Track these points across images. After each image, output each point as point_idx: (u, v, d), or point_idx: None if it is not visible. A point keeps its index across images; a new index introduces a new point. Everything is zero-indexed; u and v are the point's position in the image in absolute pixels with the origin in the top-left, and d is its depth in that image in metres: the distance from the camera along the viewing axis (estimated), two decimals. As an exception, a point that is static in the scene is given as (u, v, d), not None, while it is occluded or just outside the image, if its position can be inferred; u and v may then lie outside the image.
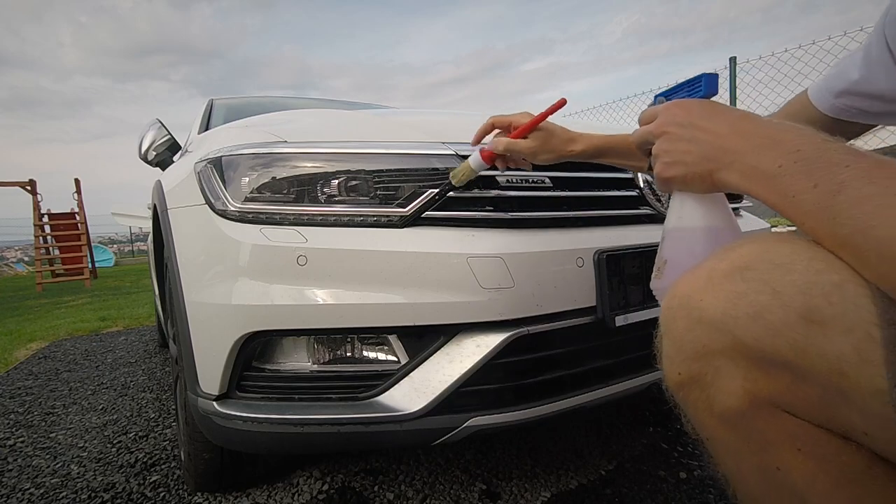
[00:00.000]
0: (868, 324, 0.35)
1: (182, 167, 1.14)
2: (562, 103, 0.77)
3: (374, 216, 0.83)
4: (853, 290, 0.36)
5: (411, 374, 0.81)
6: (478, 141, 0.83)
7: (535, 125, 0.77)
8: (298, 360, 0.85)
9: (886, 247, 0.34)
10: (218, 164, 0.91)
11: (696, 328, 0.42)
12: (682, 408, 0.48)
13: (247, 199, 0.87)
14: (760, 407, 0.41)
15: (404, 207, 0.84)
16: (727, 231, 0.53)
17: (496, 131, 0.82)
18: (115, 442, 1.51)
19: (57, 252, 9.55)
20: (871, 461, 0.39)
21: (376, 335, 0.83)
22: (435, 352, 0.81)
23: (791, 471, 0.41)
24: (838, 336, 0.36)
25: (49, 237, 9.24)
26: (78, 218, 9.26)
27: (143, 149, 1.57)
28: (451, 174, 0.82)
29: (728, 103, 4.30)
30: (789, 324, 0.37)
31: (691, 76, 0.60)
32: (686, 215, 0.53)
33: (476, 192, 0.86)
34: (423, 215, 0.84)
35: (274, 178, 0.87)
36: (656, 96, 0.64)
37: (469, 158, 0.81)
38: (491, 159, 0.79)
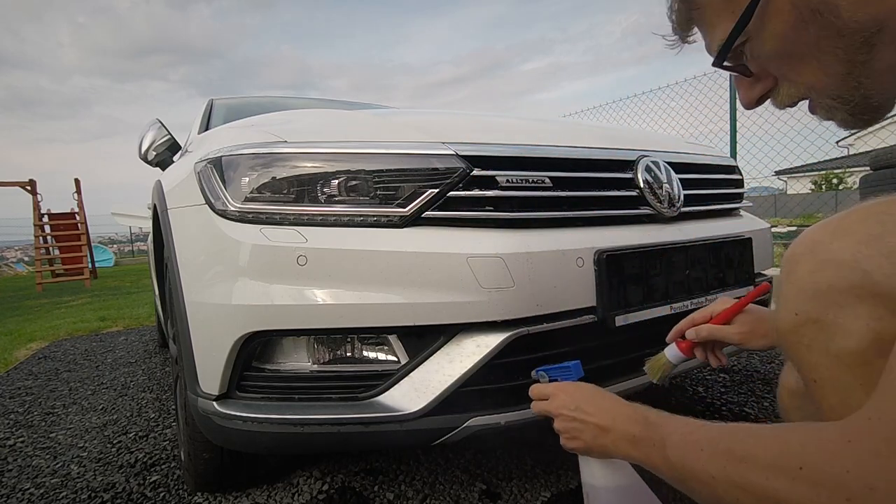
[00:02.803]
0: None
1: (182, 167, 1.14)
2: (765, 288, 0.78)
3: (374, 216, 0.83)
4: None
5: (411, 374, 0.81)
6: (675, 336, 0.78)
7: (738, 310, 0.73)
8: (298, 360, 0.85)
9: (700, 483, 0.46)
10: (218, 164, 0.91)
11: (822, 268, 0.42)
12: (791, 352, 0.47)
13: (247, 199, 0.87)
14: (883, 347, 0.39)
15: (404, 207, 0.84)
16: (635, 487, 0.67)
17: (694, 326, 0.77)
18: (115, 442, 1.51)
19: (57, 252, 9.55)
20: None
21: (376, 335, 0.83)
22: (435, 352, 0.81)
23: None
24: None
25: (49, 237, 9.24)
26: (78, 218, 9.26)
27: (143, 149, 1.57)
28: (646, 367, 0.81)
29: (728, 103, 4.31)
30: None
31: (564, 363, 0.78)
32: (596, 477, 0.68)
33: (476, 192, 0.86)
34: (423, 215, 0.84)
35: (274, 178, 0.87)
36: (537, 370, 0.79)
37: (665, 350, 0.78)
38: (690, 350, 0.76)
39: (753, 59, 0.48)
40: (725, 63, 0.49)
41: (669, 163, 1.08)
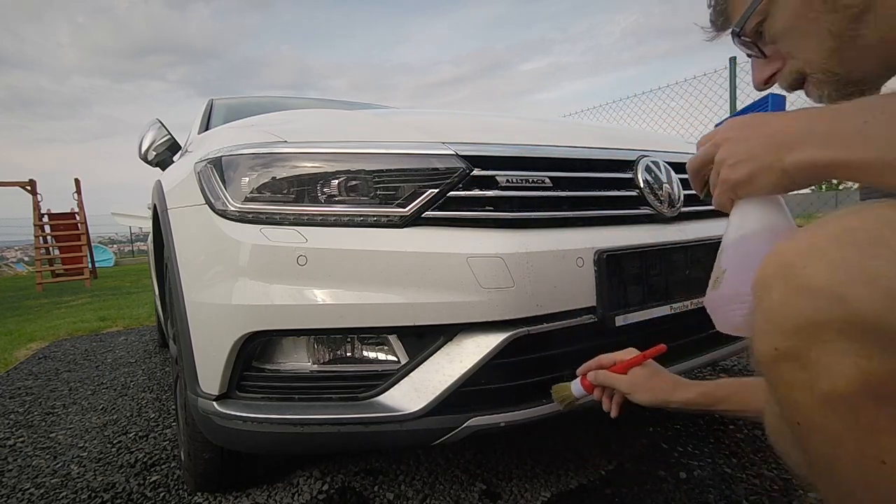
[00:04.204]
0: None
1: (182, 167, 1.14)
2: (661, 349, 0.78)
3: (374, 216, 0.83)
4: None
5: (411, 375, 0.81)
6: (583, 372, 0.83)
7: (635, 363, 0.78)
8: (298, 360, 0.85)
9: None
10: (218, 164, 0.91)
11: (797, 298, 0.38)
12: (772, 388, 0.44)
13: (247, 199, 0.87)
14: (873, 389, 0.36)
15: (404, 207, 0.84)
16: (790, 232, 0.50)
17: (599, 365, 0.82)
18: (115, 442, 1.51)
19: (57, 252, 9.55)
20: None
21: (376, 335, 0.83)
22: (435, 352, 0.81)
23: None
24: None
25: (49, 237, 9.24)
26: (78, 218, 9.26)
27: (143, 149, 1.57)
28: (553, 390, 0.83)
29: (728, 103, 4.29)
30: None
31: (758, 98, 0.60)
32: (747, 223, 0.52)
33: (476, 192, 0.86)
34: (423, 215, 0.83)
35: (274, 178, 0.87)
36: (718, 124, 0.62)
37: (572, 384, 0.83)
38: (590, 389, 0.81)
39: (768, 40, 0.55)
40: (745, 38, 0.56)
41: (670, 163, 1.08)
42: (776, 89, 0.58)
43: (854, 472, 0.39)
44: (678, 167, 1.10)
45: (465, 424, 0.80)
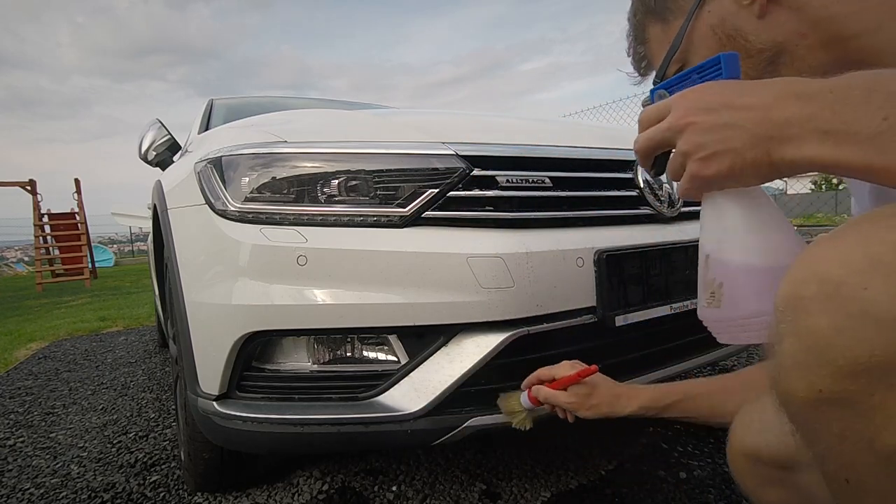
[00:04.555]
0: None
1: (182, 167, 1.14)
2: (593, 370, 0.76)
3: (374, 216, 0.83)
4: None
5: (411, 375, 0.81)
6: (527, 386, 0.82)
7: (571, 381, 0.76)
8: (298, 360, 0.85)
9: None
10: (218, 164, 0.91)
11: (856, 328, 0.30)
12: (809, 435, 0.36)
13: (247, 199, 0.87)
14: None
15: (404, 207, 0.84)
16: (786, 234, 0.44)
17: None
18: (115, 442, 1.51)
19: (57, 252, 9.55)
20: None
21: (376, 335, 0.83)
22: (435, 352, 0.81)
23: None
24: None
25: (49, 237, 9.24)
26: (78, 218, 9.26)
27: (143, 149, 1.57)
28: (500, 403, 0.82)
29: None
30: None
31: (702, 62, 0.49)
32: (733, 222, 0.44)
33: (476, 192, 0.86)
34: (423, 215, 0.83)
35: (274, 178, 0.87)
36: (653, 90, 0.53)
37: (520, 396, 0.82)
38: (536, 402, 0.79)
39: None
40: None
41: (669, 163, 1.08)
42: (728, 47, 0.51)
43: None
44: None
45: (465, 424, 0.80)
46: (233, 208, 0.87)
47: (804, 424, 0.35)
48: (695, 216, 1.12)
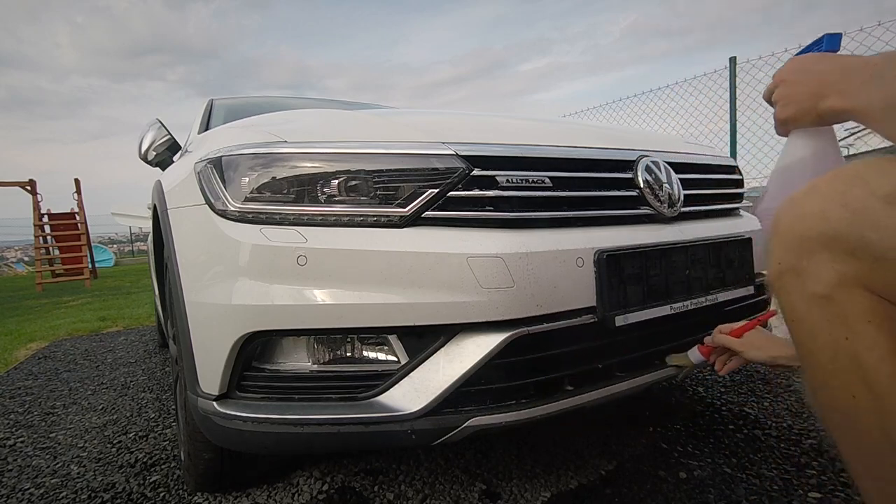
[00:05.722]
0: None
1: (182, 167, 1.14)
2: (772, 314, 0.96)
3: (373, 216, 0.83)
4: None
5: (411, 375, 0.81)
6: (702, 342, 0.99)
7: (749, 328, 0.93)
8: (298, 360, 0.85)
9: None
10: (218, 164, 0.91)
11: (797, 222, 0.49)
12: (777, 297, 0.54)
13: (247, 199, 0.87)
14: (844, 286, 0.47)
15: (404, 207, 0.84)
16: (832, 159, 0.61)
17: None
18: (115, 442, 1.52)
19: (57, 252, 9.55)
20: None
21: (376, 335, 0.83)
22: (435, 352, 0.81)
23: (857, 338, 0.47)
24: None
25: (49, 237, 9.24)
26: (78, 218, 9.26)
27: (143, 149, 1.57)
28: (669, 359, 0.99)
29: (728, 104, 4.30)
30: (873, 207, 0.44)
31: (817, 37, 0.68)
32: (795, 151, 0.63)
33: (476, 192, 0.86)
34: (423, 215, 0.84)
35: (274, 178, 0.87)
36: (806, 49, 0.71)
37: (689, 352, 0.98)
38: (708, 353, 0.97)
39: None
40: None
41: (669, 163, 1.08)
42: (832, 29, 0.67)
43: (826, 352, 0.49)
44: (678, 167, 1.10)
45: (465, 424, 0.80)
46: (233, 208, 0.87)
47: (776, 292, 0.53)
48: (695, 216, 1.12)
